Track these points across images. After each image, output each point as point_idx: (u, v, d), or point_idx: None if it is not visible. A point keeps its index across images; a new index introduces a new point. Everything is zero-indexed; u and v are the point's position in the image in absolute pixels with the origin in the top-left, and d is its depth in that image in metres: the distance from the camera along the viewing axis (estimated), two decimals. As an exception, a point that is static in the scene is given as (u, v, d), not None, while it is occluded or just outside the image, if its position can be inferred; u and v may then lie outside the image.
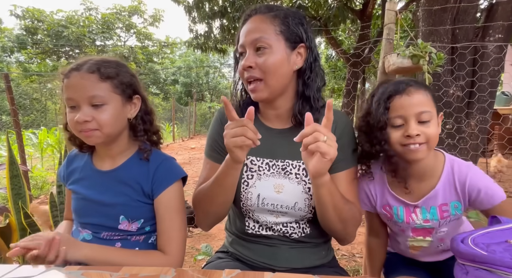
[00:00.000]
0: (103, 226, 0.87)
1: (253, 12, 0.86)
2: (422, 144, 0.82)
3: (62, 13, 18.02)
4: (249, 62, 0.82)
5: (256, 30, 0.83)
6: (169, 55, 23.55)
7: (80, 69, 0.79)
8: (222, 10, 7.13)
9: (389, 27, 1.80)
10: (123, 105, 0.85)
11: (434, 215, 0.89)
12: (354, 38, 11.30)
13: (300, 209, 0.86)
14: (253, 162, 0.90)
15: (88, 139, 0.82)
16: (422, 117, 0.81)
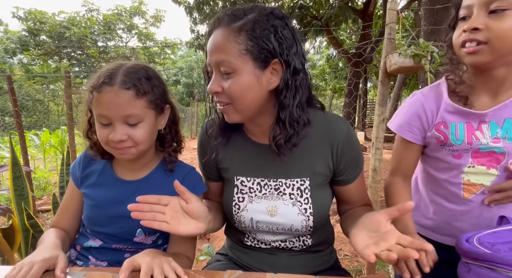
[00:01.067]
0: (117, 237, 0.84)
1: (216, 23, 0.72)
2: (482, 44, 0.66)
3: (64, 15, 18.10)
4: (215, 87, 0.71)
5: (218, 50, 0.70)
6: (170, 56, 23.57)
7: (113, 84, 0.73)
8: (223, 10, 7.14)
9: (390, 26, 1.79)
10: (156, 119, 0.81)
11: (509, 131, 0.69)
12: (355, 37, 11.28)
13: (298, 230, 0.82)
14: (243, 183, 0.84)
15: (121, 156, 0.78)
16: (492, 5, 0.64)
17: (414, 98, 0.83)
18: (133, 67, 0.78)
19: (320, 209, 0.82)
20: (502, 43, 0.65)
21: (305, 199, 0.81)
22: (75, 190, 0.88)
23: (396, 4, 1.88)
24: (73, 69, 18.31)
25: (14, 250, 1.46)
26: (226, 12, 0.72)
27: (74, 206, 0.88)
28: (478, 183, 0.75)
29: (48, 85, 17.07)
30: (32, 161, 5.43)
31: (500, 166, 0.73)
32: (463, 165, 0.76)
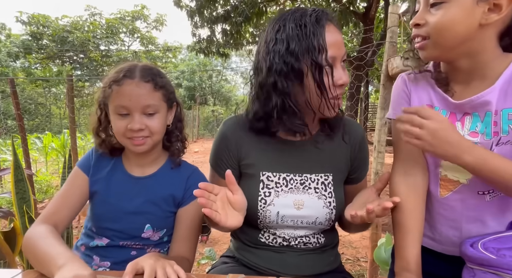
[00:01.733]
0: (125, 234, 0.86)
1: (330, 20, 0.75)
2: (426, 39, 0.66)
3: (67, 19, 18.24)
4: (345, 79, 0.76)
5: (343, 44, 0.76)
6: (172, 59, 23.69)
7: (133, 77, 0.79)
8: (225, 14, 7.17)
9: (392, 30, 1.80)
10: (167, 112, 0.87)
11: (487, 126, 0.65)
12: (357, 41, 11.30)
13: (321, 223, 0.85)
14: (269, 178, 0.86)
15: (138, 147, 0.81)
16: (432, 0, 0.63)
17: (398, 80, 0.81)
18: (146, 65, 0.85)
19: (340, 203, 0.87)
20: (440, 36, 0.64)
21: (329, 193, 0.86)
22: (82, 181, 0.87)
23: (398, 8, 1.89)
24: (75, 73, 18.43)
25: (15, 253, 1.46)
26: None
27: (77, 198, 0.85)
28: (455, 179, 0.71)
29: (50, 88, 17.16)
30: (34, 164, 5.45)
31: None
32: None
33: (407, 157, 0.75)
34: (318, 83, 0.73)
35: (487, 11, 0.61)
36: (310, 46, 0.71)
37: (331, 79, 0.73)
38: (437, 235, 0.77)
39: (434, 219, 0.76)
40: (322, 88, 0.74)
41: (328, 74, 0.73)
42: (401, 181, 0.74)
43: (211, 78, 23.66)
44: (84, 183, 0.87)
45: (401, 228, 0.71)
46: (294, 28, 0.73)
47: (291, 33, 0.73)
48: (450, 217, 0.73)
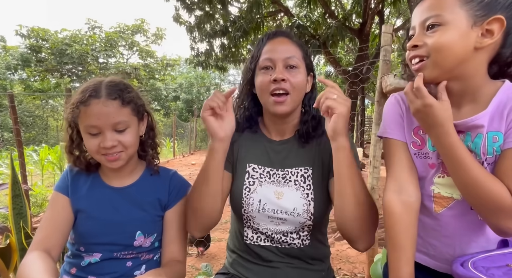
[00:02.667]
0: (117, 245, 0.87)
1: (279, 34, 0.95)
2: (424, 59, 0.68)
3: (66, 32, 18.44)
4: (282, 75, 0.87)
5: (287, 51, 0.89)
6: (170, 72, 23.89)
7: (99, 96, 0.80)
8: (223, 29, 7.32)
9: (385, 48, 1.85)
10: (138, 125, 0.88)
11: (477, 147, 0.68)
12: (353, 55, 11.51)
13: (299, 215, 0.88)
14: (255, 169, 0.95)
15: (113, 163, 0.83)
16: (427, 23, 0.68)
17: (390, 99, 0.83)
18: (112, 81, 0.85)
19: (321, 196, 0.90)
20: (439, 54, 0.66)
21: (307, 185, 0.91)
22: (63, 203, 0.86)
23: (391, 27, 1.95)
24: (73, 85, 18.51)
25: (10, 270, 1.44)
26: (284, 30, 0.98)
27: (63, 221, 0.85)
28: (448, 196, 0.72)
29: (48, 100, 17.18)
30: (30, 177, 5.40)
31: None
32: (434, 175, 0.74)
33: (401, 175, 0.76)
34: (252, 83, 0.94)
35: (481, 35, 0.65)
36: (254, 55, 0.94)
37: (264, 78, 0.89)
38: (432, 251, 0.77)
39: (429, 234, 0.77)
40: (257, 86, 0.92)
41: (261, 74, 0.90)
42: (395, 199, 0.74)
43: (209, 91, 23.83)
44: (66, 204, 0.87)
45: (395, 246, 0.71)
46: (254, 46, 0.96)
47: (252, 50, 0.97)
48: (445, 233, 0.74)
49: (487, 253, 0.64)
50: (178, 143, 14.06)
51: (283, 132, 0.98)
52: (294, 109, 0.92)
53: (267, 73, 0.89)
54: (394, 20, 10.50)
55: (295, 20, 6.90)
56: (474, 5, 0.64)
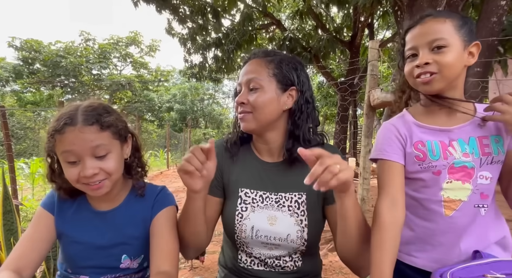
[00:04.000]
0: (103, 268, 0.86)
1: (252, 56, 0.97)
2: (434, 74, 0.80)
3: (60, 44, 18.43)
4: (242, 99, 0.91)
5: (251, 72, 0.92)
6: (164, 83, 23.95)
7: (75, 123, 0.75)
8: (216, 41, 7.41)
9: (372, 63, 1.92)
10: (121, 148, 0.85)
11: (474, 148, 0.81)
12: (344, 66, 11.71)
13: (293, 241, 0.88)
14: (247, 194, 0.94)
15: (96, 192, 0.79)
16: (433, 44, 0.80)
17: (386, 126, 0.92)
18: (90, 105, 0.80)
19: (314, 222, 0.90)
20: (449, 70, 0.80)
21: (301, 211, 0.91)
22: (47, 220, 0.85)
23: (377, 43, 2.03)
24: (66, 97, 18.40)
25: (-1, 288, 1.42)
26: (260, 50, 0.99)
27: (43, 240, 0.84)
28: (457, 199, 0.81)
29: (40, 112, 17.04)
30: (20, 191, 5.32)
31: (472, 180, 0.80)
32: (442, 182, 0.82)
33: (394, 193, 0.84)
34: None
35: (468, 55, 0.82)
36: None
37: (238, 98, 0.94)
38: (439, 249, 0.83)
39: (440, 239, 0.83)
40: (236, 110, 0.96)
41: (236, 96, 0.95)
42: (387, 211, 0.81)
43: (203, 101, 23.91)
44: (50, 222, 0.85)
45: (382, 249, 0.78)
46: None
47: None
48: (454, 233, 0.81)
49: (464, 264, 0.67)
50: (172, 154, 13.98)
51: (272, 153, 0.98)
52: (263, 127, 0.92)
53: (238, 95, 0.95)
54: (384, 32, 10.76)
55: (287, 33, 7.03)
56: (463, 32, 0.81)
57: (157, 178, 8.84)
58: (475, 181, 0.81)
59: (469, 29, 0.82)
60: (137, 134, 0.95)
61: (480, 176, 0.80)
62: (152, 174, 9.36)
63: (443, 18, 0.81)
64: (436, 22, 0.81)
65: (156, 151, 14.08)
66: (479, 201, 0.81)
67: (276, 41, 7.36)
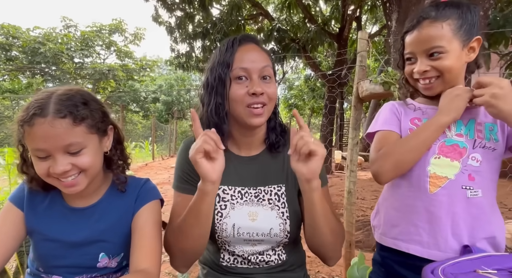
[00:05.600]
0: (79, 268, 0.80)
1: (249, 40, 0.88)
2: (435, 78, 0.84)
3: (39, 30, 17.69)
4: (261, 89, 0.82)
5: (261, 60, 0.84)
6: (150, 74, 23.45)
7: (45, 115, 0.67)
8: (203, 31, 7.25)
9: (361, 54, 1.89)
10: (100, 142, 0.78)
11: (470, 129, 0.85)
12: (332, 59, 11.73)
13: (276, 235, 0.86)
14: (225, 191, 0.89)
15: (70, 189, 0.73)
16: (430, 51, 0.82)
17: (386, 104, 1.00)
18: (65, 93, 0.72)
19: (294, 213, 0.89)
20: (450, 73, 0.83)
21: (282, 203, 0.89)
22: (16, 217, 0.79)
23: (366, 34, 1.99)
24: (46, 85, 17.74)
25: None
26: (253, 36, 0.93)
27: (11, 238, 0.77)
28: (443, 175, 0.82)
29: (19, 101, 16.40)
30: (-4, 182, 5.11)
31: (462, 159, 0.82)
32: (430, 157, 0.84)
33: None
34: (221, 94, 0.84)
35: (468, 52, 0.84)
36: (222, 61, 0.84)
37: (240, 90, 0.83)
38: (425, 237, 0.83)
39: (423, 218, 0.84)
40: (231, 98, 0.83)
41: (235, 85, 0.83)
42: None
43: (190, 93, 23.59)
44: (19, 219, 0.79)
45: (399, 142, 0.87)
46: (217, 50, 0.89)
47: (215, 54, 0.89)
48: (438, 214, 0.82)
49: (455, 260, 0.65)
50: (158, 146, 13.80)
51: (252, 146, 0.94)
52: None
53: (241, 84, 0.83)
54: (371, 26, 10.81)
55: (275, 24, 6.94)
56: (462, 33, 0.81)
57: (142, 170, 8.69)
58: (465, 161, 0.82)
59: (469, 26, 0.81)
60: (119, 125, 0.88)
61: (472, 157, 0.82)
62: (137, 166, 9.23)
63: (440, 23, 0.80)
64: (433, 28, 0.81)
65: (141, 143, 13.86)
66: (467, 182, 0.81)
67: (265, 31, 7.26)
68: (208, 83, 0.87)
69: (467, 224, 0.80)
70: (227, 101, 0.84)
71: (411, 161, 0.83)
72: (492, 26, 2.92)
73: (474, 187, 0.80)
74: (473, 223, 0.80)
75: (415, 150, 0.82)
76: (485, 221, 0.81)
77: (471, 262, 0.64)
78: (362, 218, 3.60)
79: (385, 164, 0.84)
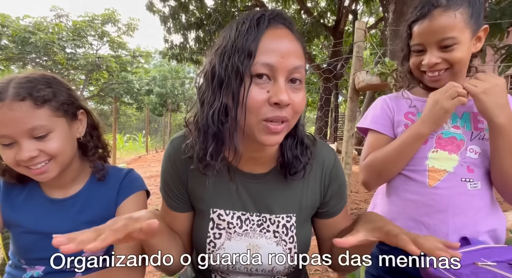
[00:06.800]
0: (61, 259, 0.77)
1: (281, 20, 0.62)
2: (443, 70, 0.80)
3: (29, 19, 17.26)
4: (288, 99, 0.58)
5: (295, 56, 0.60)
6: (143, 65, 23.14)
7: (4, 98, 0.64)
8: (198, 22, 7.15)
9: (358, 45, 1.86)
10: (70, 126, 0.74)
11: (466, 121, 0.83)
12: (327, 53, 11.68)
13: (279, 272, 0.73)
14: (221, 216, 0.72)
15: (40, 176, 0.69)
16: (442, 43, 0.78)
17: (378, 99, 0.96)
18: (26, 77, 0.69)
19: (304, 246, 0.75)
20: (460, 65, 0.80)
21: (290, 237, 0.72)
22: None
23: (364, 24, 1.96)
24: (37, 76, 17.39)
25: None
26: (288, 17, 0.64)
27: None
28: (442, 169, 0.81)
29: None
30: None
31: (460, 152, 0.81)
32: (428, 151, 0.82)
33: None
34: (233, 95, 0.58)
35: (475, 41, 0.81)
36: (240, 46, 0.57)
37: (259, 94, 0.58)
38: (425, 231, 0.81)
39: (422, 212, 0.82)
40: (239, 101, 0.58)
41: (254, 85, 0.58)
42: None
43: (184, 85, 23.36)
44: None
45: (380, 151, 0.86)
46: (233, 28, 0.61)
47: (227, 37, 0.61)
48: (438, 208, 0.80)
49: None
50: (152, 138, 13.69)
51: (259, 163, 0.72)
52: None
53: (261, 86, 0.58)
54: (367, 18, 10.75)
55: (271, 15, 6.88)
56: (473, 22, 0.78)
57: (136, 162, 8.63)
58: (464, 153, 0.81)
59: (477, 15, 0.78)
60: (91, 110, 0.82)
61: (470, 150, 0.81)
62: (130, 158, 9.18)
63: (453, 11, 0.76)
64: (446, 18, 0.76)
65: (135, 135, 13.73)
66: (466, 174, 0.80)
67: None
68: (214, 74, 0.60)
69: (468, 217, 0.79)
70: (242, 107, 0.58)
71: (394, 171, 0.85)
72: (489, 19, 2.90)
73: (474, 179, 0.79)
74: (475, 215, 0.79)
75: (397, 162, 0.83)
76: (486, 213, 0.80)
77: (470, 254, 0.62)
78: (356, 211, 3.61)
79: (369, 175, 0.87)
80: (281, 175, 0.72)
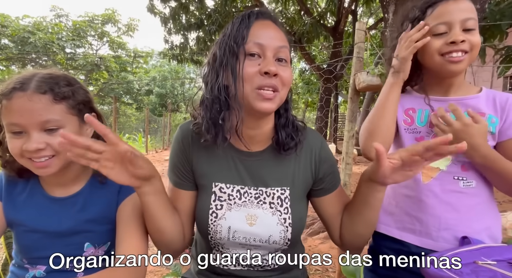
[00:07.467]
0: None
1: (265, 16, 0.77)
2: (465, 53, 0.79)
3: (28, 19, 17.27)
4: (275, 69, 0.71)
5: (279, 39, 0.74)
6: (143, 65, 23.14)
7: (26, 89, 0.66)
8: (198, 22, 7.15)
9: (359, 46, 1.87)
10: (80, 126, 0.75)
11: None
12: (327, 53, 11.70)
13: (275, 242, 0.79)
14: (222, 189, 0.81)
15: (42, 170, 0.70)
16: (466, 24, 0.78)
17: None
18: (49, 73, 0.72)
19: (299, 220, 0.82)
20: (476, 51, 0.79)
21: (285, 208, 0.81)
22: None
23: (364, 25, 1.97)
24: (37, 76, 17.36)
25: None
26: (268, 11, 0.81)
27: None
28: (435, 166, 0.83)
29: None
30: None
31: None
32: None
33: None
34: (232, 70, 0.72)
35: None
36: (235, 34, 0.73)
37: (251, 67, 0.71)
38: (418, 226, 0.84)
39: (416, 208, 0.85)
40: (237, 75, 0.71)
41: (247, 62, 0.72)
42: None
43: (184, 85, 23.37)
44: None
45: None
46: (229, 25, 0.77)
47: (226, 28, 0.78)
48: (430, 204, 0.83)
49: (455, 251, 0.64)
50: (151, 138, 13.70)
51: (256, 141, 0.82)
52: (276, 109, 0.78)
53: (254, 61, 0.72)
54: (367, 19, 10.77)
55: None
56: (477, 12, 0.80)
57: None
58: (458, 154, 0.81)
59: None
60: (102, 114, 0.83)
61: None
62: (130, 158, 9.14)
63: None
64: (468, 1, 0.79)
65: (134, 135, 13.72)
66: (459, 173, 0.82)
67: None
68: (215, 59, 0.76)
69: (461, 214, 0.80)
70: (239, 79, 0.71)
71: (382, 126, 0.86)
72: (488, 20, 2.91)
73: (467, 178, 0.81)
74: (468, 213, 0.80)
75: (382, 115, 0.86)
76: (480, 211, 0.81)
77: (470, 253, 0.63)
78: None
79: (364, 136, 0.89)
80: (276, 152, 0.82)
